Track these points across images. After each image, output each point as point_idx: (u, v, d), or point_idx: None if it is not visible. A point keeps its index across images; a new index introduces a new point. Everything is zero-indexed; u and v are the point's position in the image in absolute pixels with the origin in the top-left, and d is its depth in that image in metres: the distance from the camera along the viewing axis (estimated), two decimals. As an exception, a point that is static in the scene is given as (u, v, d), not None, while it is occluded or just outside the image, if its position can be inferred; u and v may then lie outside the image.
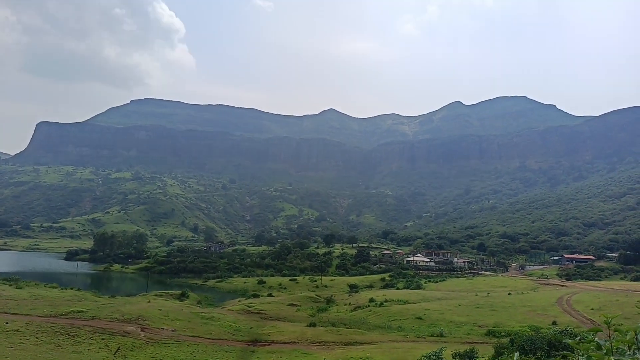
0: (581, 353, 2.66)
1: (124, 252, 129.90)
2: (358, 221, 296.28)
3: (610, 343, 2.63)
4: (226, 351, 29.08)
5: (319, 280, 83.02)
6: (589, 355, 2.61)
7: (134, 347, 28.01)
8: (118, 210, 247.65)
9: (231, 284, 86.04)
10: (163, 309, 40.05)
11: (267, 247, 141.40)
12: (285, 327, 38.29)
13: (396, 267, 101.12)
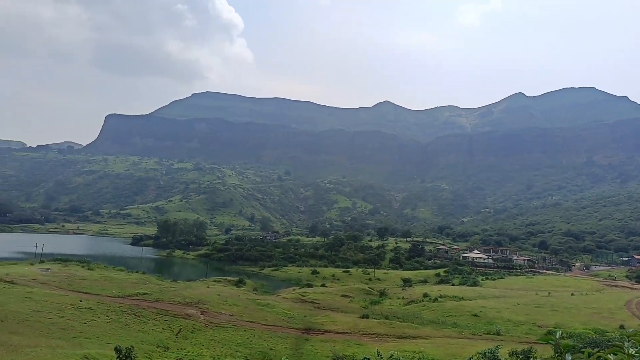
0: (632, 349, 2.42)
1: (185, 239, 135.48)
2: (413, 215, 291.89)
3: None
4: (281, 337, 29.85)
5: (372, 273, 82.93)
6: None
7: (195, 330, 29.35)
8: (180, 199, 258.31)
9: (286, 272, 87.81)
10: (221, 294, 41.67)
11: (320, 238, 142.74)
12: (338, 317, 38.72)
13: (452, 263, 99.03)
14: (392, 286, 71.35)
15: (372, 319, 38.21)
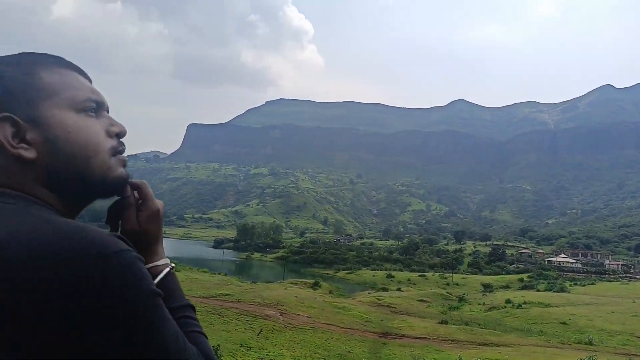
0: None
1: (263, 241, 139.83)
2: (491, 217, 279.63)
3: None
4: (358, 340, 30.00)
5: (449, 278, 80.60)
6: None
7: (274, 330, 30.26)
8: (257, 203, 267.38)
9: (360, 276, 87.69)
10: (299, 296, 42.62)
11: (394, 242, 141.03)
12: (415, 322, 38.13)
13: (536, 268, 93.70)
14: (471, 291, 68.87)
15: (451, 324, 37.23)
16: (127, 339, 0.53)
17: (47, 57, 0.71)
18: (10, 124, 0.63)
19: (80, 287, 0.51)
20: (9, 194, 0.62)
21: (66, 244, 0.53)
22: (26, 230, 0.55)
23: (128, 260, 0.56)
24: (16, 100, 0.64)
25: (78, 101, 0.69)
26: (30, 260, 0.51)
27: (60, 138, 0.66)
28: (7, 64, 0.66)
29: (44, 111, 0.66)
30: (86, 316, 0.51)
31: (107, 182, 0.70)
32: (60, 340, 0.50)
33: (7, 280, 0.50)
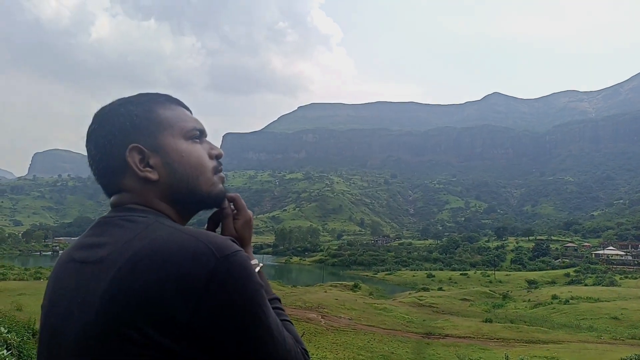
0: None
1: (301, 245, 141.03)
2: (533, 212, 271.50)
3: None
4: (401, 341, 29.96)
5: (492, 275, 78.95)
6: None
7: (317, 333, 30.60)
8: (293, 208, 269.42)
9: (400, 277, 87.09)
10: (339, 298, 42.87)
11: (433, 241, 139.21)
12: (459, 321, 37.69)
13: (582, 262, 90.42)
14: (515, 288, 67.24)
15: (496, 323, 36.59)
16: (248, 320, 0.71)
17: (159, 95, 0.90)
18: (137, 152, 0.83)
19: (212, 277, 0.69)
20: (141, 209, 0.82)
21: (199, 245, 0.71)
22: (166, 235, 0.74)
23: (243, 258, 0.74)
24: (141, 133, 0.84)
25: (186, 131, 0.89)
26: (178, 259, 0.69)
27: (175, 162, 0.85)
28: (131, 104, 0.87)
29: (162, 140, 0.85)
30: (220, 303, 0.69)
31: (212, 196, 0.91)
32: (196, 320, 0.68)
33: (160, 274, 0.68)
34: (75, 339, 0.72)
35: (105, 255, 0.74)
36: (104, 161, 0.85)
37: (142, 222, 0.77)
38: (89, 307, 0.71)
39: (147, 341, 0.67)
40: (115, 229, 0.78)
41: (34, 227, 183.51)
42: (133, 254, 0.71)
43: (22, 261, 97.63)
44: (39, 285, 42.92)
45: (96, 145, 0.85)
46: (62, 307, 0.77)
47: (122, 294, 0.69)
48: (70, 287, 0.77)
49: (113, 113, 0.86)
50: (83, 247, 0.81)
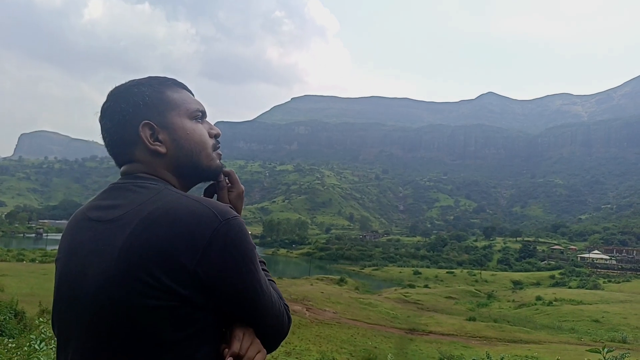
0: None
1: (289, 238, 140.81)
2: (522, 213, 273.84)
3: None
4: (385, 336, 29.95)
5: (478, 275, 79.45)
6: None
7: (301, 325, 30.47)
8: (282, 200, 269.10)
9: (387, 272, 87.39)
10: (324, 292, 42.82)
11: (421, 238, 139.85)
12: (443, 319, 37.82)
13: (568, 264, 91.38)
14: (500, 288, 67.77)
15: (480, 321, 36.75)
16: (244, 272, 0.89)
17: (168, 79, 1.09)
18: (149, 128, 1.00)
19: (214, 236, 0.86)
20: (150, 178, 0.99)
21: (205, 209, 0.89)
22: (175, 200, 0.91)
23: (240, 222, 0.92)
24: (152, 111, 1.01)
25: (191, 111, 1.07)
26: (187, 219, 0.86)
27: (181, 138, 1.03)
28: (143, 85, 1.03)
29: (170, 119, 1.03)
30: (221, 256, 0.86)
31: (211, 169, 1.13)
32: (200, 270, 0.85)
33: (172, 231, 0.85)
34: (96, 284, 0.86)
35: (122, 215, 0.90)
36: (118, 134, 1.01)
37: (153, 188, 0.95)
38: (109, 257, 0.86)
39: (160, 286, 0.82)
40: (128, 193, 0.95)
41: (18, 208, 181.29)
42: (148, 214, 0.88)
43: (5, 242, 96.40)
44: (21, 267, 42.32)
45: (111, 120, 1.01)
46: (80, 258, 0.92)
47: (139, 246, 0.84)
48: (88, 240, 0.92)
49: (128, 92, 1.01)
50: (98, 208, 0.97)
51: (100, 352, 0.85)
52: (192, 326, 0.86)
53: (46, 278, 32.88)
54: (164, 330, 0.84)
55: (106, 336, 0.85)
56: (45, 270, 38.34)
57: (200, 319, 0.87)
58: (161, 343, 0.84)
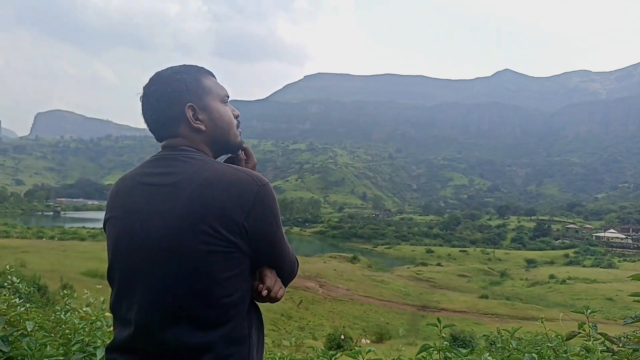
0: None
1: (302, 216, 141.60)
2: (537, 192, 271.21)
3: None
4: (397, 313, 30.29)
5: (491, 253, 79.39)
6: None
7: (314, 301, 30.95)
8: (295, 179, 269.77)
9: (399, 251, 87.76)
10: (337, 269, 43.26)
11: (435, 217, 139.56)
12: (455, 296, 38.08)
13: (583, 243, 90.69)
14: (514, 267, 67.74)
15: (492, 299, 36.92)
16: (274, 227, 1.21)
17: (201, 68, 1.37)
18: (191, 109, 1.27)
19: (255, 197, 1.16)
20: (192, 150, 1.26)
21: (247, 176, 1.19)
22: (222, 168, 1.20)
23: (271, 187, 1.21)
24: (193, 95, 1.29)
25: (221, 96, 1.37)
26: (236, 184, 1.16)
27: (216, 118, 1.33)
28: (184, 73, 1.31)
29: (207, 102, 1.31)
30: (260, 214, 1.16)
31: (236, 145, 1.40)
32: (246, 224, 1.14)
33: (225, 192, 1.14)
34: (164, 235, 1.13)
35: (178, 180, 1.17)
36: (165, 113, 1.28)
37: (199, 159, 1.23)
38: (173, 213, 1.13)
39: (217, 235, 1.11)
40: (179, 162, 1.21)
41: (36, 187, 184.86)
42: (204, 179, 1.16)
43: (24, 220, 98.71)
44: (41, 244, 43.39)
45: (158, 101, 1.28)
46: (143, 215, 1.17)
47: (200, 205, 1.12)
48: (147, 201, 1.18)
49: (172, 78, 1.29)
50: (151, 174, 1.23)
51: (167, 289, 1.12)
52: (238, 267, 1.15)
53: (65, 255, 33.71)
54: (217, 269, 1.12)
55: (173, 275, 1.11)
56: (64, 247, 39.26)
57: (243, 262, 1.17)
58: (214, 280, 1.12)
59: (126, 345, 1.15)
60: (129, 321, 1.15)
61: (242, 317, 1.18)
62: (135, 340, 1.14)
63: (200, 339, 1.11)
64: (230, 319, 1.15)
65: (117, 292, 1.21)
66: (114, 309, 1.22)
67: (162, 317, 1.12)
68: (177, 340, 1.10)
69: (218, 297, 1.13)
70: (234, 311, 1.15)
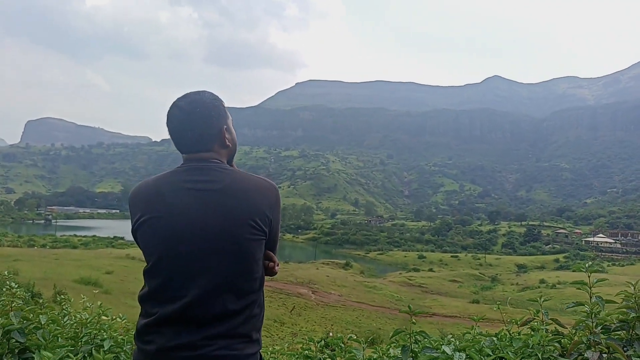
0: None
1: (294, 223, 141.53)
2: (528, 197, 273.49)
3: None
4: (389, 318, 30.53)
5: (482, 259, 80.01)
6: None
7: (307, 307, 31.12)
8: (288, 185, 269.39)
9: (391, 257, 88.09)
10: (330, 275, 43.45)
11: (426, 223, 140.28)
12: (447, 301, 38.42)
13: (572, 248, 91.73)
14: (504, 272, 68.35)
15: (483, 304, 37.29)
16: (280, 220, 1.71)
17: (219, 97, 1.76)
18: (225, 129, 1.69)
19: (276, 198, 1.64)
20: (221, 162, 1.64)
21: (269, 182, 1.65)
22: (253, 177, 1.66)
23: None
24: (224, 118, 1.70)
25: (231, 119, 1.77)
26: (265, 188, 1.62)
27: (234, 137, 1.75)
28: (216, 100, 1.72)
29: (229, 124, 1.73)
30: (277, 210, 1.65)
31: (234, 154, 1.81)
32: (271, 218, 1.61)
33: (260, 196, 1.59)
34: (219, 229, 1.51)
35: (224, 186, 1.56)
36: (207, 132, 1.64)
37: (230, 169, 1.63)
38: (226, 211, 1.53)
39: (258, 227, 1.54)
40: (217, 172, 1.59)
41: (27, 195, 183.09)
42: (242, 185, 1.58)
43: (15, 228, 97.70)
44: (33, 252, 43.10)
45: (204, 122, 1.64)
46: (199, 213, 1.52)
47: (244, 204, 1.54)
48: (197, 203, 1.53)
49: (212, 104, 1.68)
50: (197, 181, 1.57)
51: (222, 269, 1.50)
52: (263, 250, 1.61)
53: (58, 263, 33.58)
54: (257, 252, 1.56)
55: (228, 258, 1.51)
56: (56, 255, 39.07)
57: (264, 246, 1.62)
58: (255, 260, 1.56)
59: (177, 316, 1.48)
60: (180, 297, 1.48)
61: (263, 287, 1.64)
62: (187, 312, 1.47)
63: (239, 305, 1.51)
64: (258, 288, 1.60)
65: (168, 277, 1.52)
66: (157, 292, 1.53)
67: (214, 290, 1.49)
68: (223, 306, 1.49)
69: (255, 272, 1.57)
70: (260, 283, 1.60)
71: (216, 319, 1.49)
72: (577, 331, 2.27)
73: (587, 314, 2.24)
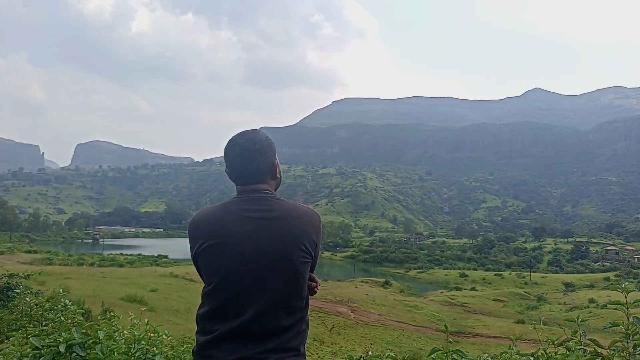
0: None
1: (332, 240, 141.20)
2: (574, 213, 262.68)
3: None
4: (430, 338, 29.98)
5: (527, 277, 77.27)
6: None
7: (346, 326, 30.98)
8: (326, 203, 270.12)
9: (432, 275, 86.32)
10: (369, 294, 43.09)
11: (468, 240, 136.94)
12: (490, 321, 37.33)
13: (624, 266, 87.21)
14: (551, 290, 65.69)
15: (529, 324, 35.85)
16: (320, 243, 1.91)
17: (267, 134, 1.97)
18: (277, 164, 1.92)
19: (320, 225, 1.88)
20: (273, 193, 1.87)
21: (314, 211, 1.89)
22: (302, 207, 1.89)
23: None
24: (275, 154, 1.92)
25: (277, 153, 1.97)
26: (311, 216, 1.85)
27: (280, 170, 1.97)
28: (269, 138, 1.93)
29: (277, 160, 1.94)
30: (320, 236, 1.88)
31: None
32: (317, 243, 1.87)
33: (310, 224, 1.83)
34: (277, 254, 1.71)
35: (278, 215, 1.76)
36: (263, 165, 1.84)
37: (280, 199, 1.82)
38: (281, 237, 1.73)
39: (307, 250, 1.76)
40: (271, 202, 1.79)
41: (76, 215, 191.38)
42: (293, 214, 1.78)
43: (65, 248, 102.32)
44: (83, 270, 45.03)
45: (262, 157, 1.84)
46: (258, 239, 1.72)
47: (296, 231, 1.75)
48: (262, 229, 1.73)
49: (267, 141, 1.89)
50: (255, 210, 1.77)
51: (278, 288, 1.70)
52: (309, 272, 1.83)
53: (105, 281, 34.95)
54: (305, 273, 1.78)
55: (283, 279, 1.71)
56: (104, 273, 40.67)
57: (311, 268, 1.86)
58: (304, 280, 1.78)
59: (236, 332, 1.65)
60: (240, 315, 1.67)
61: (308, 305, 1.84)
62: (245, 328, 1.66)
63: (290, 321, 1.70)
64: (305, 306, 1.80)
65: (229, 296, 1.70)
66: (218, 311, 1.71)
67: (270, 308, 1.67)
68: (277, 322, 1.67)
69: (303, 291, 1.77)
70: (306, 301, 1.81)
71: (270, 334, 1.66)
72: (614, 352, 2.26)
73: (624, 335, 2.25)
